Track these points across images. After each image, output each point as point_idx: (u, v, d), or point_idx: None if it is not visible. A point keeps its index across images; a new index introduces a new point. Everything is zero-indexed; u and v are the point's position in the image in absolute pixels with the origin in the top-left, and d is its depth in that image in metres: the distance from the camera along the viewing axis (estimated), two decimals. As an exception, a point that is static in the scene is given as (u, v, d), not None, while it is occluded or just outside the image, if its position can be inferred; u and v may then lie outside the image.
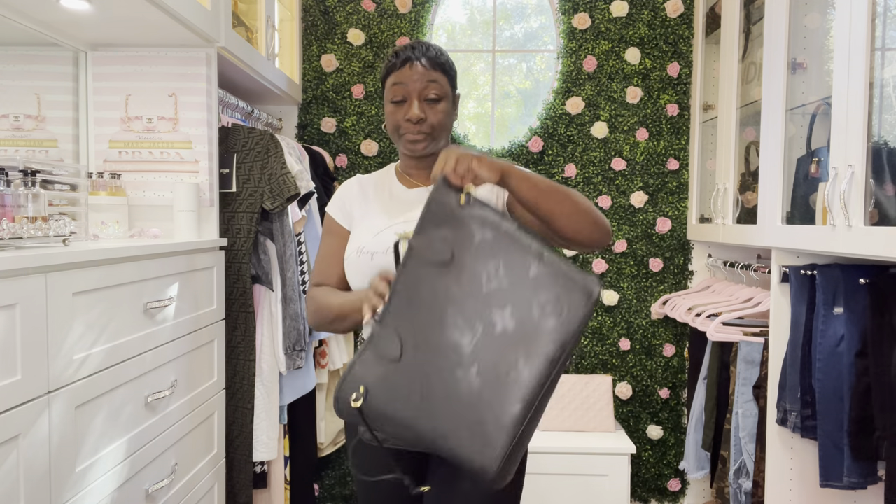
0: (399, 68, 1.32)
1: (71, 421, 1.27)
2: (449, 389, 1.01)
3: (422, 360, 1.03)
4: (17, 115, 1.84)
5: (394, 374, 1.05)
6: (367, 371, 1.07)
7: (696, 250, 2.84)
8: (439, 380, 1.02)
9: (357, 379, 1.07)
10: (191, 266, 1.76)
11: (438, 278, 1.04)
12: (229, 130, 2.12)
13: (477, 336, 1.00)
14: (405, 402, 1.04)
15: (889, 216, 1.56)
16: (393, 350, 1.05)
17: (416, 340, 1.04)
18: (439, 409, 1.01)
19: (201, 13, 1.79)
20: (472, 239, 1.04)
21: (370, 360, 1.07)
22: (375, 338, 1.08)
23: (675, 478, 2.88)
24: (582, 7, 2.80)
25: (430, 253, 1.06)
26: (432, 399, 1.02)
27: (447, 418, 1.01)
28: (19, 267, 1.12)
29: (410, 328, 1.05)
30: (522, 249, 1.02)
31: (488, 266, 1.02)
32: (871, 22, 1.50)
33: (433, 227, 1.08)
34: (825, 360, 1.76)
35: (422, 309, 1.05)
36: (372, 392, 1.06)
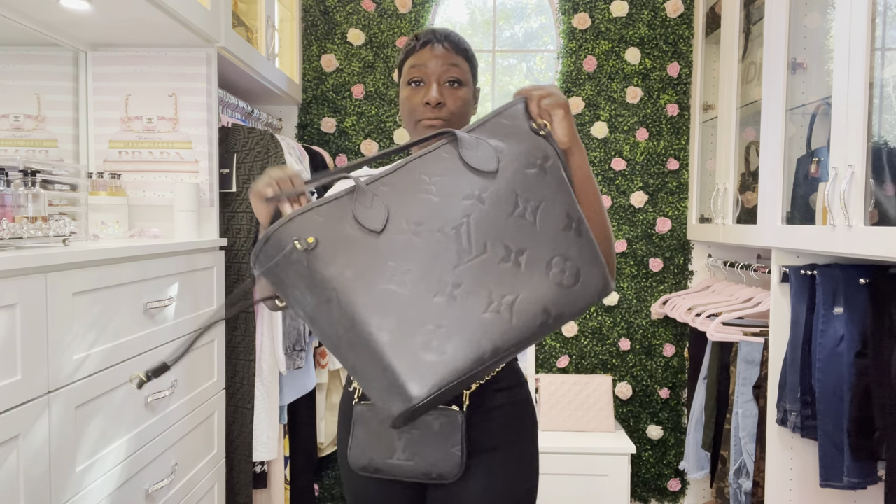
0: (419, 50, 1.25)
1: (71, 421, 1.27)
2: (414, 296, 0.88)
3: (399, 243, 0.90)
4: (17, 115, 1.84)
5: (362, 244, 0.90)
6: (324, 227, 0.91)
7: (696, 250, 2.84)
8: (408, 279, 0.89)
9: (305, 228, 0.90)
10: (191, 266, 1.76)
11: (466, 182, 0.94)
12: (229, 130, 2.12)
13: (476, 256, 0.91)
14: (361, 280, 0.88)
15: (889, 216, 1.56)
16: (374, 218, 0.91)
17: (402, 223, 0.91)
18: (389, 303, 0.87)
19: (201, 13, 1.79)
20: (525, 164, 0.97)
21: (333, 216, 0.92)
22: (351, 197, 0.93)
23: (675, 478, 2.88)
24: (582, 7, 2.80)
25: (473, 155, 0.97)
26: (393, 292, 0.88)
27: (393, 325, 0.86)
28: (19, 267, 1.12)
29: (401, 207, 0.92)
30: (567, 205, 0.97)
31: (529, 198, 0.95)
32: (871, 22, 1.50)
33: (490, 134, 0.99)
34: (825, 360, 1.76)
35: (427, 200, 0.93)
36: (322, 248, 0.89)
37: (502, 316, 0.88)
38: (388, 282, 0.87)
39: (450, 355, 0.85)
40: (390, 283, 0.87)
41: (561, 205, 0.96)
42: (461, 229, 0.91)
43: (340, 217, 0.92)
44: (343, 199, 0.92)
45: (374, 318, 0.86)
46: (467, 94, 1.25)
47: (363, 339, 0.86)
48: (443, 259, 0.89)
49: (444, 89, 1.23)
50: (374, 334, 0.85)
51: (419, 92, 1.24)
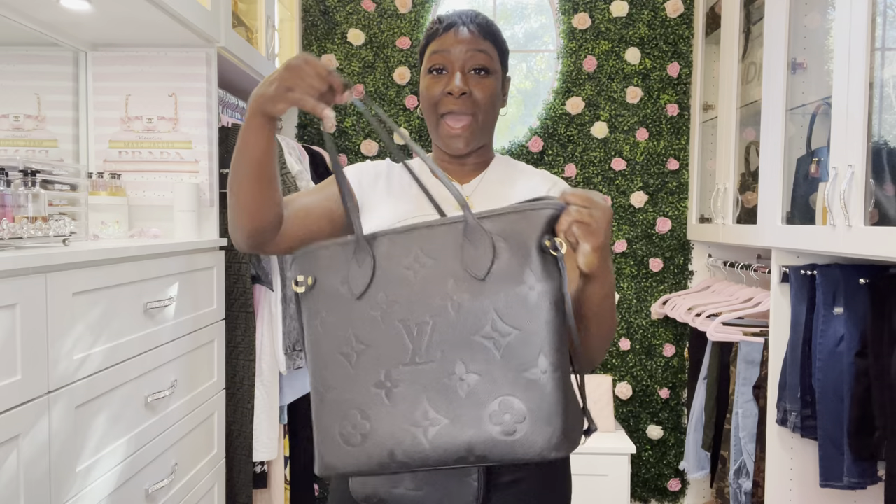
0: (442, 34, 1.11)
1: (71, 421, 1.27)
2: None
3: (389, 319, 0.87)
4: (17, 115, 1.84)
5: (340, 302, 0.89)
6: (324, 270, 0.91)
7: (696, 250, 2.84)
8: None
9: (313, 265, 0.92)
10: (191, 266, 1.76)
11: (449, 278, 0.86)
12: (229, 130, 2.12)
13: (425, 362, 0.84)
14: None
15: (889, 216, 1.56)
16: (358, 281, 0.89)
17: (378, 296, 0.88)
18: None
19: (201, 13, 1.79)
20: (518, 280, 0.84)
21: (335, 261, 0.91)
22: (355, 247, 0.90)
23: (675, 478, 2.88)
24: (582, 7, 2.80)
25: (471, 250, 0.86)
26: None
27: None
28: (19, 267, 1.12)
29: (387, 277, 0.88)
30: (546, 347, 0.82)
31: (504, 323, 0.83)
32: (871, 22, 1.50)
33: (502, 228, 0.86)
34: (825, 361, 1.76)
35: (409, 281, 0.87)
36: (315, 293, 0.91)
37: (419, 436, 0.83)
38: (344, 354, 0.88)
39: (357, 450, 0.85)
40: (345, 355, 0.88)
41: (537, 344, 0.82)
42: (424, 328, 0.85)
43: (339, 265, 0.91)
44: (350, 246, 0.91)
45: (321, 378, 0.89)
46: (495, 85, 1.12)
47: (313, 389, 0.90)
48: (396, 351, 0.85)
49: (469, 78, 1.10)
50: (319, 392, 0.89)
51: (441, 81, 1.11)
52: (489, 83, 1.11)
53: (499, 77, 1.13)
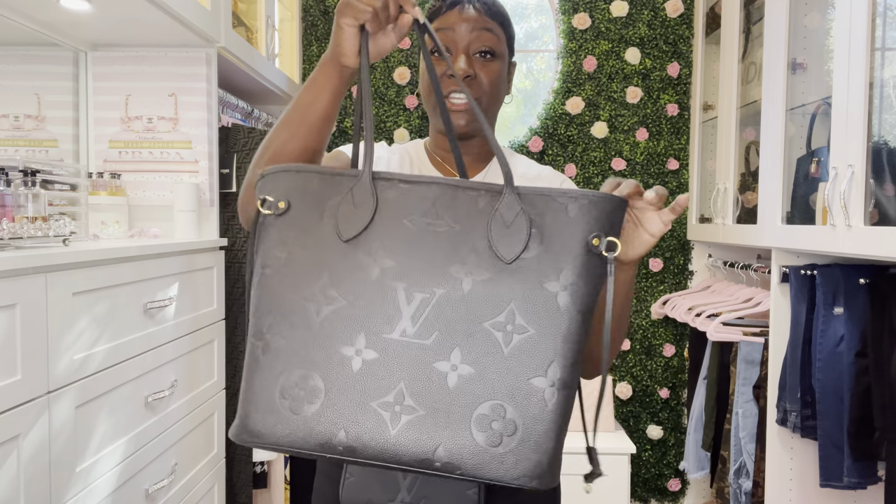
0: (445, 12, 1.03)
1: (71, 421, 1.27)
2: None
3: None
4: (17, 115, 1.84)
5: (319, 238, 0.75)
6: (307, 198, 0.77)
7: (696, 250, 2.84)
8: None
9: (291, 187, 0.77)
10: (191, 266, 1.76)
11: (468, 250, 0.74)
12: (229, 130, 2.12)
13: (413, 338, 0.72)
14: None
15: (889, 216, 1.56)
16: (351, 222, 0.75)
17: (372, 246, 0.75)
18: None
19: (201, 13, 1.79)
20: (547, 276, 0.72)
21: (324, 191, 0.77)
22: (352, 181, 0.77)
23: (675, 478, 2.88)
24: (582, 7, 2.80)
25: (501, 228, 0.73)
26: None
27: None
28: (19, 267, 1.12)
29: (389, 228, 0.75)
30: (560, 356, 0.71)
31: (520, 318, 0.72)
32: (871, 22, 1.50)
33: (540, 211, 0.74)
34: (825, 360, 1.76)
35: (417, 241, 0.74)
36: (286, 219, 0.76)
37: (386, 421, 0.70)
38: (309, 297, 0.73)
39: (298, 419, 0.70)
40: (310, 299, 0.73)
41: (552, 350, 0.71)
42: (424, 299, 0.72)
43: (330, 196, 0.77)
44: (348, 179, 0.77)
45: (271, 321, 0.74)
46: (501, 69, 1.04)
47: (253, 333, 0.75)
48: (381, 316, 0.72)
49: (473, 60, 1.02)
50: (260, 338, 0.74)
51: (443, 62, 1.01)
52: (495, 67, 1.03)
53: (505, 61, 1.05)
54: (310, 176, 0.78)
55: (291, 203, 0.76)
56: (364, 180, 0.76)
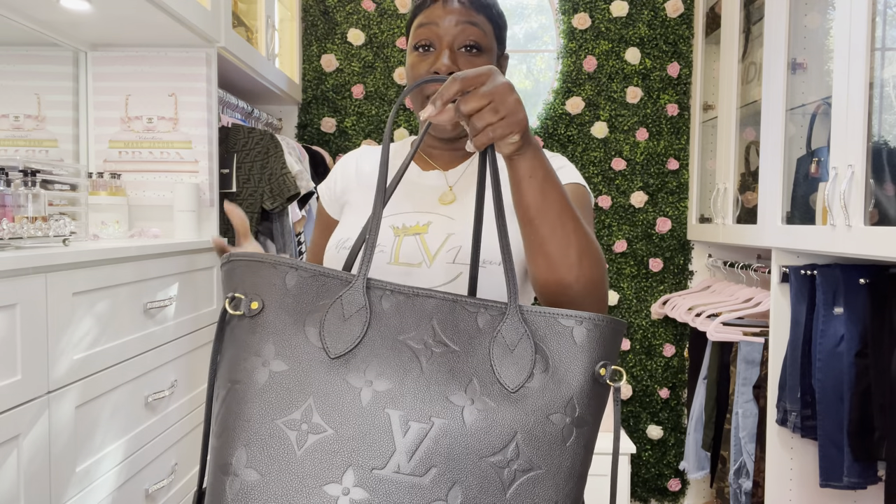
0: (430, 5, 1.00)
1: (71, 421, 1.27)
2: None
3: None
4: (17, 115, 1.84)
5: (302, 351, 0.66)
6: (284, 298, 0.67)
7: (696, 250, 2.84)
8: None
9: (259, 286, 0.67)
10: (191, 266, 1.76)
11: (468, 376, 0.68)
12: (229, 130, 2.12)
13: (409, 475, 0.64)
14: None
15: (889, 216, 1.56)
16: (339, 337, 0.66)
17: (362, 367, 0.66)
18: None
19: (201, 13, 1.79)
20: (553, 409, 0.67)
21: (306, 292, 0.67)
22: (342, 285, 0.68)
23: (675, 478, 2.88)
24: (582, 7, 2.80)
25: (505, 352, 0.68)
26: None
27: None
28: (19, 267, 1.12)
29: (380, 346, 0.67)
30: (565, 497, 0.66)
31: (524, 454, 0.66)
32: (871, 22, 1.50)
33: (544, 335, 0.69)
34: (825, 360, 1.76)
35: (412, 364, 0.67)
36: (262, 321, 0.66)
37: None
38: (290, 424, 0.63)
39: None
40: (291, 427, 0.63)
41: (555, 490, 0.66)
42: (416, 430, 0.64)
43: (313, 300, 0.67)
44: (334, 282, 0.68)
45: (243, 451, 0.63)
46: (488, 62, 1.00)
47: (219, 463, 0.63)
48: (369, 447, 0.63)
49: (458, 56, 0.98)
50: (228, 471, 0.62)
51: (427, 59, 1.00)
52: (481, 62, 0.99)
53: (493, 55, 1.01)
54: (288, 272, 0.67)
55: (266, 304, 0.66)
56: (357, 289, 0.67)
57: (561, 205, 0.76)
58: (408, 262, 0.95)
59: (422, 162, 1.09)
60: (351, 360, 0.65)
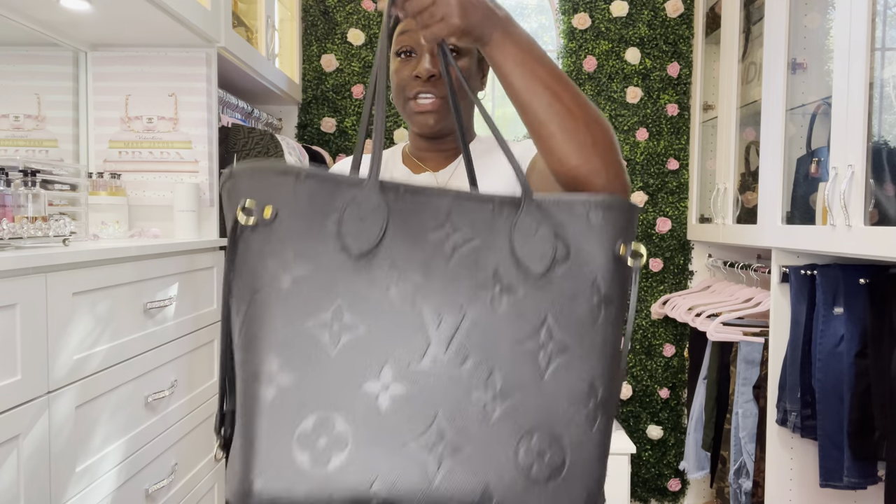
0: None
1: (71, 421, 1.27)
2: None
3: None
4: (17, 115, 1.84)
5: (324, 254, 0.64)
6: (298, 203, 0.64)
7: (696, 250, 2.84)
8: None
9: (273, 190, 0.64)
10: (191, 266, 1.76)
11: (493, 265, 0.67)
12: (229, 130, 2.12)
13: (446, 365, 0.64)
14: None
15: (889, 216, 1.56)
16: (360, 235, 0.64)
17: (386, 265, 0.65)
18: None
19: (201, 13, 1.79)
20: (579, 291, 0.68)
21: (318, 197, 0.65)
22: (355, 187, 0.66)
23: (675, 478, 2.88)
24: (582, 7, 2.80)
25: (525, 238, 0.68)
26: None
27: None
28: (19, 267, 1.12)
29: (399, 243, 0.66)
30: (598, 376, 0.68)
31: (556, 336, 0.66)
32: (871, 22, 1.50)
33: (560, 221, 0.70)
34: (825, 360, 1.76)
35: (435, 258, 0.66)
36: (277, 228, 0.63)
37: (428, 463, 0.61)
38: (321, 325, 0.62)
39: (324, 476, 0.59)
40: (322, 329, 0.62)
41: (590, 369, 0.67)
42: (448, 319, 0.63)
43: (327, 203, 0.65)
44: (345, 184, 0.66)
45: (274, 357, 0.61)
46: (467, 66, 1.03)
47: (249, 373, 0.62)
48: (405, 342, 0.62)
49: (438, 60, 1.00)
50: (261, 379, 0.61)
51: (409, 63, 1.03)
52: (461, 64, 1.02)
53: (473, 57, 1.04)
54: (298, 176, 0.64)
55: (279, 211, 0.63)
56: (370, 188, 0.66)
57: (549, 83, 0.77)
58: None
59: (412, 165, 1.12)
60: (374, 258, 0.64)
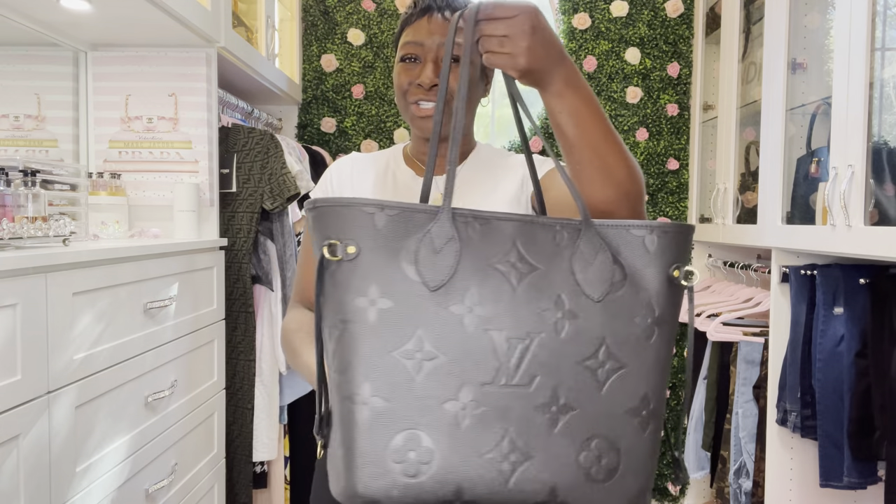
0: (415, 21, 1.06)
1: (71, 421, 1.27)
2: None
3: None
4: (17, 115, 1.84)
5: (404, 287, 0.70)
6: (378, 238, 0.71)
7: (696, 250, 2.84)
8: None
9: (356, 227, 0.71)
10: (191, 266, 1.76)
11: (556, 291, 0.74)
12: (229, 130, 2.12)
13: (516, 385, 0.72)
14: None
15: (889, 216, 1.56)
16: (436, 268, 0.71)
17: (460, 294, 0.71)
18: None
19: (201, 13, 1.79)
20: (635, 312, 0.75)
21: (397, 229, 0.71)
22: (430, 218, 0.72)
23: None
24: (582, 7, 2.80)
25: (585, 264, 0.75)
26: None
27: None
28: (19, 267, 1.12)
29: (473, 273, 0.72)
30: (651, 388, 0.76)
31: (613, 355, 0.74)
32: (871, 22, 1.50)
33: (618, 247, 0.76)
34: (825, 360, 1.76)
35: (503, 286, 0.72)
36: (361, 264, 0.70)
37: (501, 469, 0.70)
38: (405, 355, 0.70)
39: (416, 483, 0.68)
40: (407, 357, 0.70)
41: (644, 383, 0.75)
42: (517, 345, 0.71)
43: (403, 237, 0.71)
44: (420, 216, 0.71)
45: (367, 383, 0.69)
46: (473, 73, 1.03)
47: (345, 394, 0.70)
48: (478, 366, 0.70)
49: (441, 67, 1.02)
50: (356, 401, 0.69)
51: (412, 70, 1.06)
52: (463, 73, 1.04)
53: (477, 66, 1.03)
54: (376, 213, 0.71)
55: (361, 248, 0.70)
56: (445, 220, 0.71)
57: (597, 137, 0.81)
58: None
59: (416, 167, 1.14)
60: (449, 289, 0.71)
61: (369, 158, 1.18)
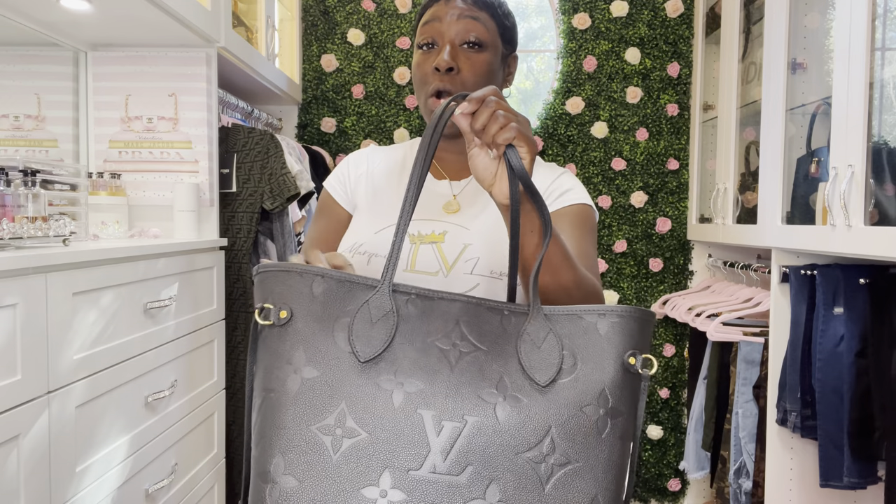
0: (434, 4, 1.02)
1: (71, 421, 1.27)
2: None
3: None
4: (17, 115, 1.84)
5: (332, 357, 0.66)
6: (312, 305, 0.67)
7: (696, 250, 2.84)
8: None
9: (286, 294, 0.67)
10: (191, 266, 1.76)
11: (497, 374, 0.68)
12: (229, 130, 2.12)
13: (444, 474, 0.64)
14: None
15: (889, 216, 1.56)
16: (368, 341, 0.67)
17: (391, 370, 0.67)
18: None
19: (201, 13, 1.79)
20: (586, 401, 0.68)
21: (334, 297, 0.68)
22: (368, 290, 0.69)
23: (675, 478, 2.88)
24: (582, 7, 2.80)
25: (532, 349, 0.70)
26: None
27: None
28: (19, 267, 1.12)
29: (406, 348, 0.68)
30: (603, 490, 0.67)
31: (560, 448, 0.66)
32: (871, 22, 1.50)
33: (569, 329, 0.71)
34: (825, 360, 1.76)
35: (439, 365, 0.68)
36: (291, 329, 0.67)
37: None
38: (324, 430, 0.64)
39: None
40: (326, 432, 0.64)
41: (594, 483, 0.66)
42: (450, 428, 0.64)
43: (339, 306, 0.68)
44: (360, 286, 0.68)
45: (280, 458, 0.63)
46: (490, 60, 0.99)
47: (258, 470, 0.65)
48: (405, 448, 0.63)
49: (458, 52, 0.98)
50: (267, 479, 0.63)
51: (430, 56, 1.00)
52: (482, 59, 0.98)
53: (497, 52, 1.01)
54: (315, 280, 0.67)
55: (294, 312, 0.67)
56: (384, 294, 0.68)
57: (558, 264, 0.78)
58: (424, 270, 0.94)
59: (433, 170, 1.09)
60: (381, 363, 0.66)
61: (386, 152, 1.15)
